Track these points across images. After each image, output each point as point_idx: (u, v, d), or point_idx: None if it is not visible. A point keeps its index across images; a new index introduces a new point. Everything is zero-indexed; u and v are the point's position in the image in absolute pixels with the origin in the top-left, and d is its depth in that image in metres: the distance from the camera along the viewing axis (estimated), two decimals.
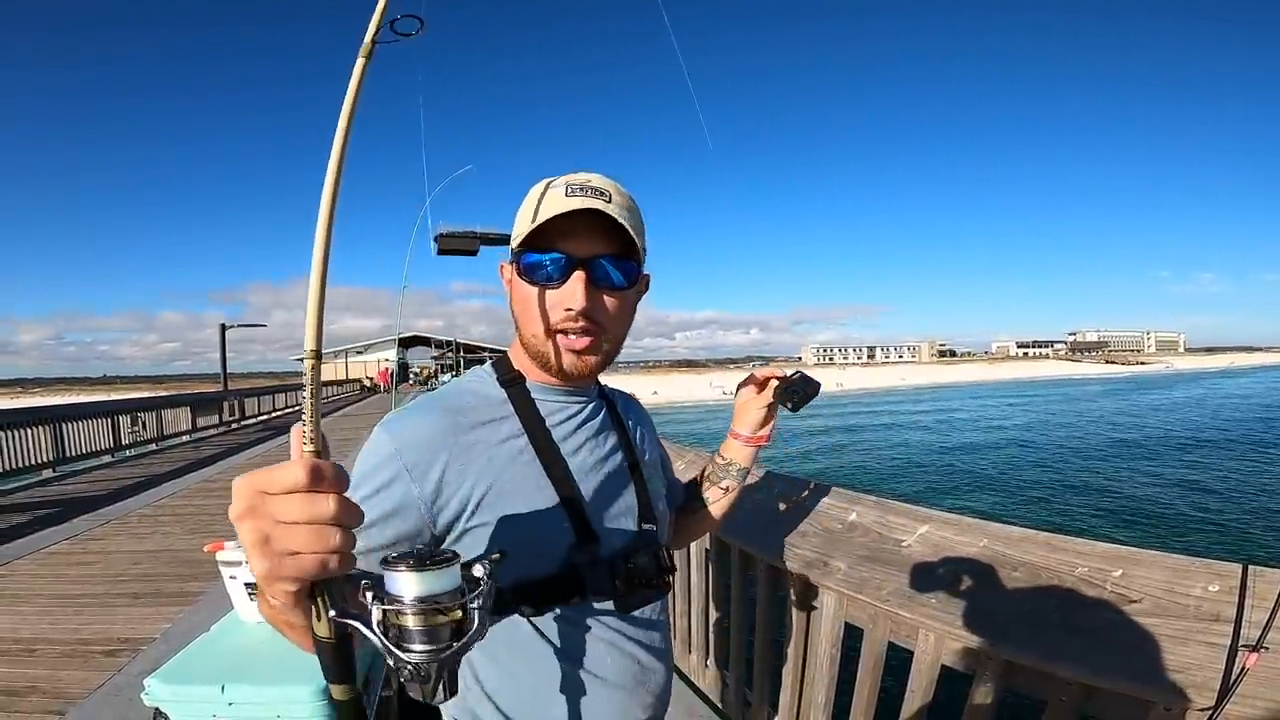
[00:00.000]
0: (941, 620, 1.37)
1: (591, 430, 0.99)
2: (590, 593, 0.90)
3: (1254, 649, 0.99)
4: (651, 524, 1.00)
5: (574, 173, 0.91)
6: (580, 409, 0.99)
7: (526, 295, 0.90)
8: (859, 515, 1.72)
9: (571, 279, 0.87)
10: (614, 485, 0.98)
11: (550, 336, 0.90)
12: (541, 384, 0.96)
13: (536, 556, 0.87)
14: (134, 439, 12.40)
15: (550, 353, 0.91)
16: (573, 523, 0.89)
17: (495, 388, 0.95)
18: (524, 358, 0.96)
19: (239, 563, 2.02)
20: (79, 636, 3.64)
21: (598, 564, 0.90)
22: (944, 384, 69.72)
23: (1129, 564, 1.22)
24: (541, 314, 0.89)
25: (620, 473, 1.00)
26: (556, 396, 0.97)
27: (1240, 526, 11.78)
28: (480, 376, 0.98)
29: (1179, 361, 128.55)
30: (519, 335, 0.94)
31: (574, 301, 0.86)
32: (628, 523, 0.97)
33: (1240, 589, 1.08)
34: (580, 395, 1.00)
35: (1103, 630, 1.16)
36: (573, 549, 0.89)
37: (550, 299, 0.88)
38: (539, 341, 0.91)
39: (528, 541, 0.86)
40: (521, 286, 0.90)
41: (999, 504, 14.27)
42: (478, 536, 0.86)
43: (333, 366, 51.52)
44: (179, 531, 6.00)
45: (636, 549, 0.95)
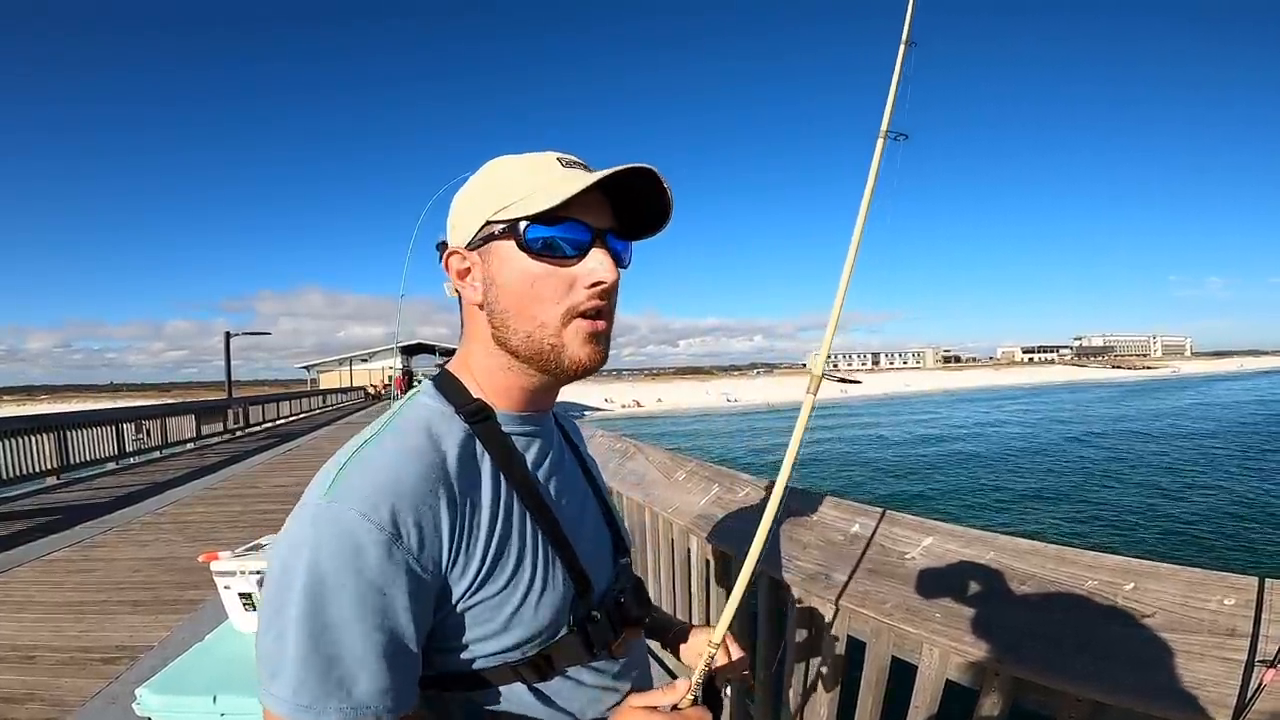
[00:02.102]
0: (946, 634, 1.34)
1: (560, 464, 0.87)
2: (597, 647, 0.81)
3: (1271, 665, 0.96)
4: (626, 556, 0.93)
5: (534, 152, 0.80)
6: (546, 440, 0.86)
7: (530, 275, 0.74)
8: (862, 527, 1.69)
9: (594, 252, 0.75)
10: (591, 523, 0.89)
11: (567, 323, 0.75)
12: (507, 413, 0.81)
13: (541, 624, 0.76)
14: (138, 446, 12.44)
15: (562, 344, 0.75)
16: (571, 575, 0.79)
17: (457, 423, 0.77)
18: (490, 378, 0.80)
19: (233, 572, 2.00)
20: (78, 644, 3.65)
21: (597, 615, 0.82)
22: (949, 390, 69.55)
23: (1141, 577, 1.19)
24: (556, 295, 0.74)
25: (592, 507, 0.91)
26: (524, 427, 0.82)
27: (1257, 537, 11.58)
28: (429, 407, 0.78)
29: (1186, 366, 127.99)
30: (503, 333, 0.77)
31: (606, 274, 0.74)
32: (607, 560, 0.89)
33: (1257, 603, 1.05)
34: (542, 423, 0.86)
35: (1114, 645, 1.13)
36: (574, 604, 0.79)
37: (569, 275, 0.74)
38: (546, 332, 0.75)
39: (534, 609, 0.75)
40: (519, 267, 0.74)
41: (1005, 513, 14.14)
42: (482, 611, 0.73)
43: (336, 375, 51.63)
44: (181, 539, 6.01)
45: (622, 588, 0.88)
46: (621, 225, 0.79)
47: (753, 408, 53.75)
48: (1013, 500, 15.59)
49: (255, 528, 6.23)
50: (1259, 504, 14.09)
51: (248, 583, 1.98)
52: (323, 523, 0.65)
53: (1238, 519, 12.90)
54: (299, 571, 0.63)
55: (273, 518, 6.81)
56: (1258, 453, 20.72)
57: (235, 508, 7.48)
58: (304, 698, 0.62)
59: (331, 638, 0.63)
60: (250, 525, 6.44)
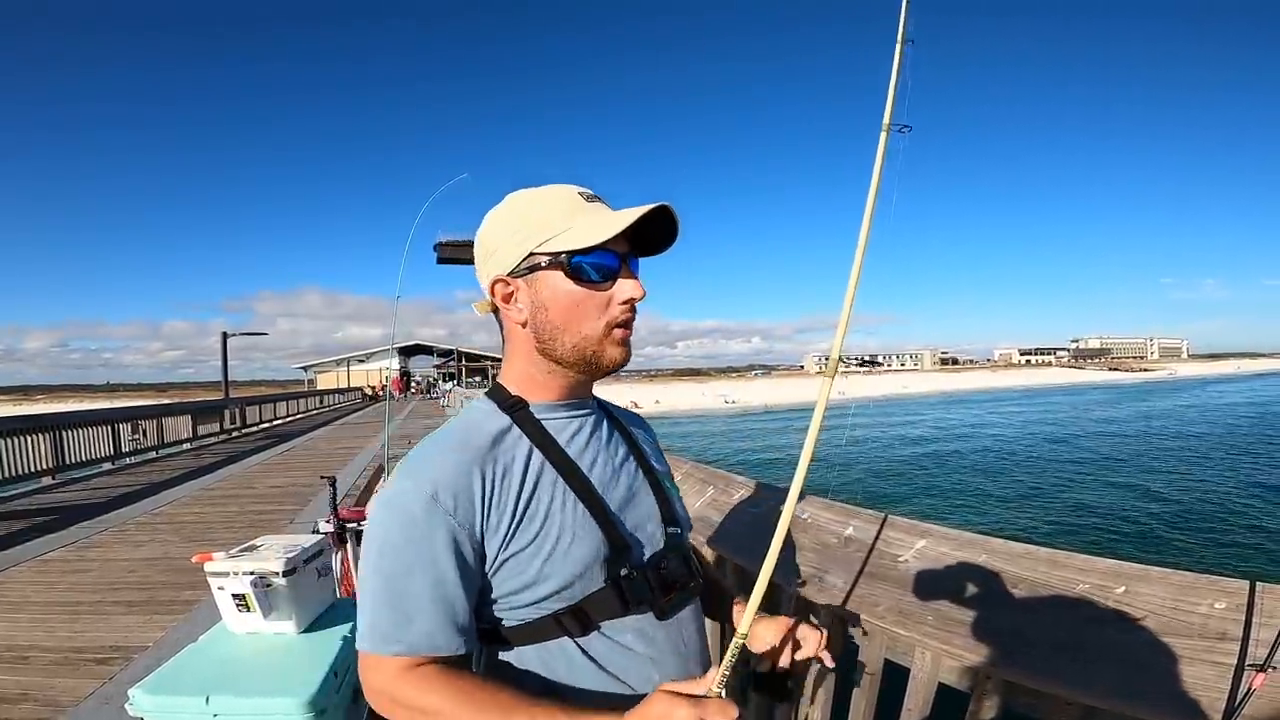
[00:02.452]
0: (938, 638, 1.34)
1: (601, 441, 1.00)
2: (632, 604, 0.90)
3: (1261, 669, 0.96)
4: (675, 526, 1.00)
5: (549, 185, 0.95)
6: (584, 421, 0.99)
7: (577, 297, 0.90)
8: (856, 530, 1.70)
9: (623, 274, 0.91)
10: (634, 492, 0.99)
11: (608, 332, 0.92)
12: (544, 403, 0.96)
13: (576, 575, 0.87)
14: (134, 447, 12.42)
15: (604, 349, 0.92)
16: (605, 535, 0.90)
17: (498, 415, 0.94)
18: (526, 379, 0.97)
19: (227, 573, 2.00)
20: (72, 644, 3.64)
21: (634, 573, 0.91)
22: (946, 391, 69.60)
23: (1132, 580, 1.19)
24: (598, 312, 0.91)
25: (636, 479, 1.01)
26: (561, 413, 0.97)
27: (1247, 540, 11.55)
28: (479, 408, 0.97)
29: (1183, 368, 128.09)
30: (550, 345, 0.92)
31: (637, 291, 0.91)
32: (653, 528, 0.98)
33: (1248, 607, 1.06)
34: (583, 408, 1.00)
35: (1105, 649, 1.13)
36: (609, 562, 0.89)
37: (605, 296, 0.91)
38: (590, 342, 0.91)
39: (564, 559, 0.87)
40: (565, 290, 0.90)
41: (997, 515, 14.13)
42: (517, 564, 0.87)
43: (334, 375, 51.56)
44: (176, 540, 5.98)
45: (666, 553, 0.96)
46: (634, 244, 0.94)
47: (751, 409, 53.74)
48: (1005, 502, 15.56)
49: (251, 528, 6.22)
50: (1250, 507, 14.08)
51: (241, 583, 1.98)
52: (388, 501, 0.86)
53: (1229, 521, 12.88)
54: (373, 539, 0.85)
55: (269, 518, 6.80)
56: (1250, 456, 20.73)
57: (231, 508, 7.46)
58: (376, 635, 0.83)
59: (395, 587, 0.83)
60: (246, 526, 6.42)
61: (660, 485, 1.03)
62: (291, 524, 6.45)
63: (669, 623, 0.95)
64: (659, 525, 0.98)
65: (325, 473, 3.27)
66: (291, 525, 6.38)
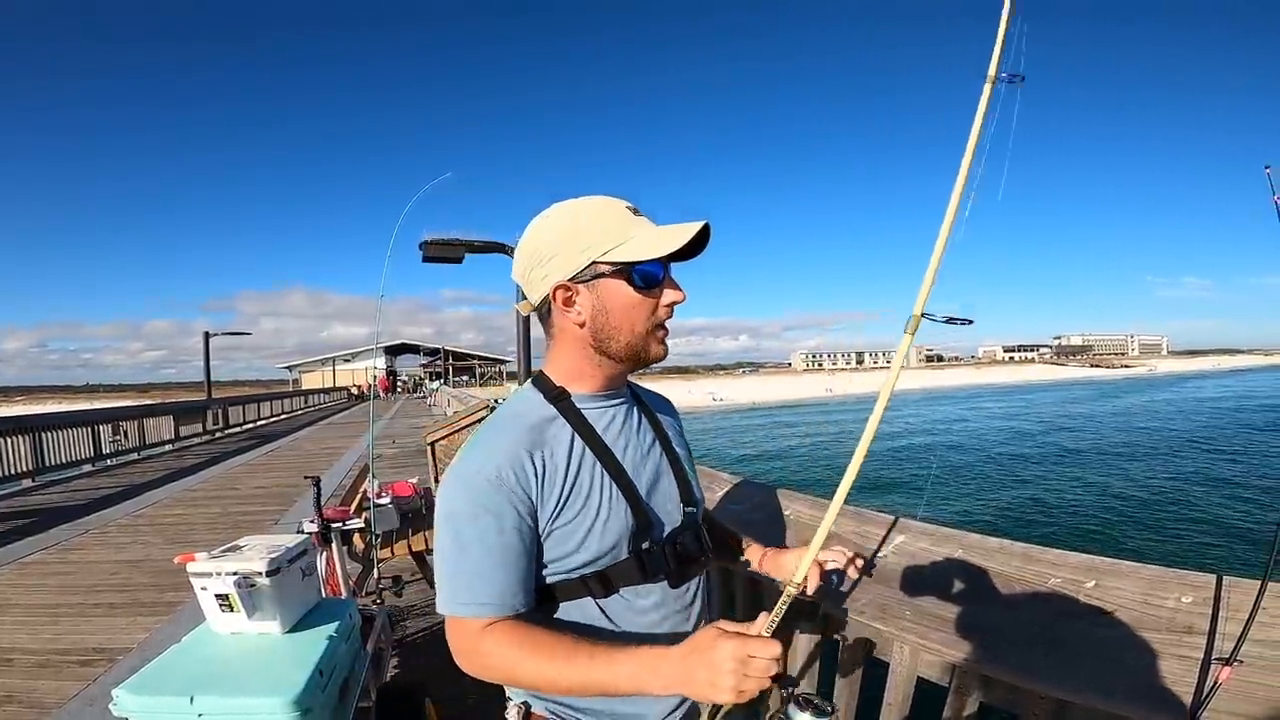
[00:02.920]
0: (916, 633, 1.35)
1: (631, 428, 1.12)
2: (650, 574, 1.04)
3: (1227, 663, 0.98)
4: (692, 507, 1.13)
5: (585, 196, 1.05)
6: (619, 409, 1.12)
7: (632, 301, 1.02)
8: (835, 525, 1.71)
9: (669, 279, 1.04)
10: (659, 476, 1.12)
11: (653, 331, 1.04)
12: (587, 393, 1.08)
13: (608, 547, 1.01)
14: (115, 448, 12.27)
15: (650, 345, 1.05)
16: (633, 514, 1.03)
17: (545, 405, 1.06)
18: (573, 370, 1.08)
19: (210, 574, 1.99)
20: (55, 647, 3.64)
21: (655, 548, 1.04)
22: (932, 388, 70.00)
23: (1103, 575, 1.22)
24: (648, 314, 1.03)
25: (661, 464, 1.13)
26: (599, 403, 1.09)
27: (1215, 535, 11.60)
28: (527, 397, 1.09)
29: (1162, 364, 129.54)
30: (606, 343, 1.04)
31: (680, 296, 1.05)
32: (673, 508, 1.11)
33: (1214, 600, 1.08)
34: (618, 398, 1.13)
35: (1076, 643, 1.15)
36: (634, 536, 1.03)
37: (654, 301, 1.03)
38: (638, 340, 1.04)
39: (600, 534, 1.00)
40: (624, 295, 1.01)
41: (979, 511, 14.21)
42: (561, 535, 0.99)
43: (319, 374, 51.13)
44: (159, 542, 5.94)
45: (683, 530, 1.10)
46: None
47: (738, 406, 53.87)
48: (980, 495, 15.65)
49: (235, 529, 6.17)
50: (1217, 501, 14.14)
51: (224, 584, 1.97)
52: (455, 478, 0.98)
53: (1197, 515, 12.94)
54: (447, 514, 0.98)
55: (252, 518, 6.76)
56: (1219, 450, 20.87)
57: (214, 509, 7.40)
58: (458, 599, 0.96)
59: (470, 554, 0.95)
60: (230, 527, 6.38)
61: (681, 468, 1.16)
62: (276, 525, 6.41)
63: (679, 591, 1.09)
64: (678, 505, 1.12)
65: (310, 473, 3.27)
66: (276, 526, 6.34)
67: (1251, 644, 0.99)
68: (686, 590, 1.10)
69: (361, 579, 3.94)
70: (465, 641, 0.97)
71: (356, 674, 2.27)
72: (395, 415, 21.91)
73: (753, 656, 0.84)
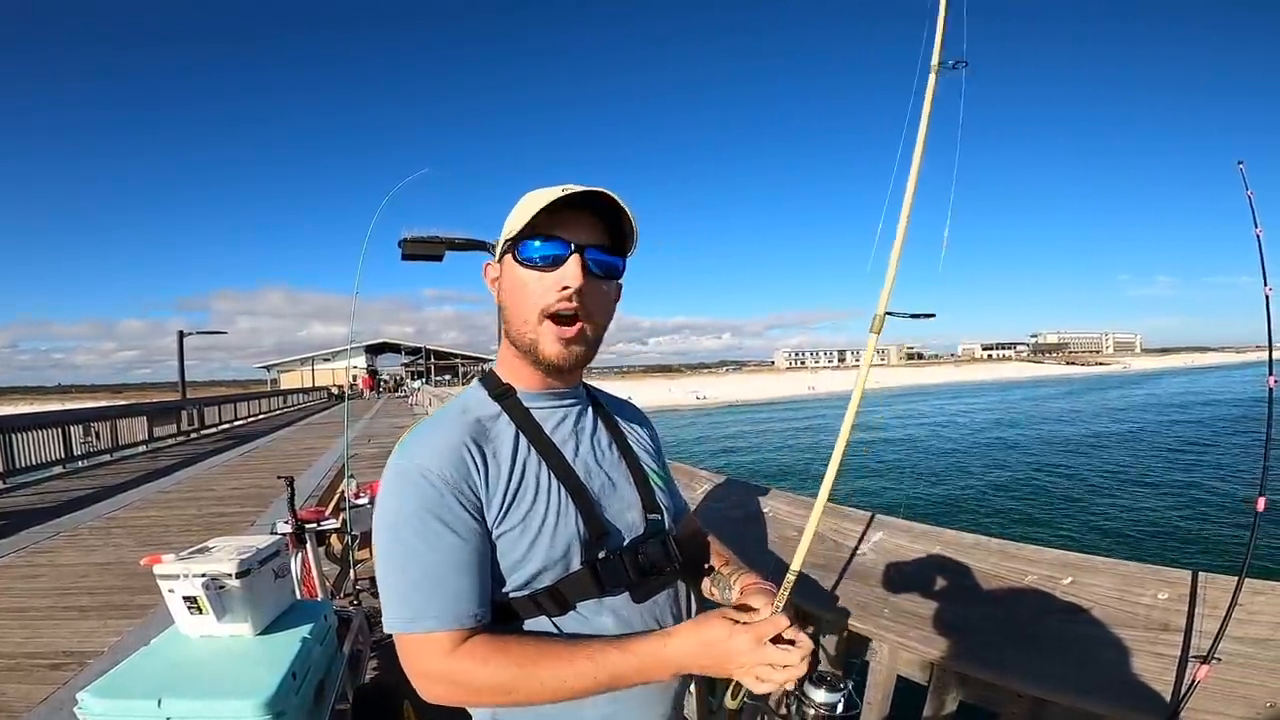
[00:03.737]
0: (895, 631, 1.35)
1: (586, 430, 1.04)
2: (607, 585, 0.94)
3: (1204, 660, 0.97)
4: (657, 514, 1.04)
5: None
6: (570, 410, 1.03)
7: (521, 281, 0.94)
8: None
9: (569, 261, 0.92)
10: (616, 480, 1.02)
11: (541, 321, 0.93)
12: (531, 391, 1.00)
13: (556, 554, 0.91)
14: (87, 450, 12.05)
15: (539, 339, 0.94)
16: (584, 520, 0.93)
17: (488, 402, 0.99)
18: (511, 367, 1.01)
19: (178, 576, 1.95)
20: (24, 650, 3.57)
21: (611, 557, 0.94)
22: (912, 385, 70.64)
23: (1079, 571, 1.21)
24: (536, 296, 0.93)
25: (619, 467, 1.05)
26: (547, 401, 1.01)
27: (1191, 530, 11.69)
28: (471, 394, 1.01)
29: (1136, 362, 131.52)
30: (508, 329, 0.98)
31: (572, 279, 0.91)
32: (634, 515, 1.01)
33: (1190, 597, 1.07)
34: (569, 397, 1.04)
35: (1053, 641, 1.15)
36: (586, 545, 0.93)
37: (546, 281, 0.92)
38: (529, 328, 0.94)
39: (548, 540, 0.91)
40: (515, 275, 0.95)
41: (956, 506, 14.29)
42: (508, 541, 0.90)
43: (298, 374, 50.60)
44: (131, 544, 5.83)
45: (645, 539, 0.99)
46: (613, 242, 0.97)
47: (720, 404, 54.02)
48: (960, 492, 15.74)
49: (210, 531, 6.07)
50: (1194, 497, 14.19)
51: (192, 586, 1.93)
52: (394, 477, 0.89)
53: (1173, 512, 13.01)
54: (383, 520, 0.89)
55: (229, 520, 6.65)
56: (1195, 447, 21.09)
57: (189, 511, 7.27)
58: (407, 614, 0.85)
59: (415, 561, 0.85)
60: (204, 529, 6.27)
61: (643, 473, 1.07)
62: (253, 526, 6.32)
63: (645, 605, 0.98)
64: (640, 512, 1.02)
65: (288, 474, 3.23)
66: (253, 527, 6.25)
67: (1229, 641, 0.99)
68: (654, 604, 0.99)
69: (339, 580, 3.89)
70: (433, 663, 0.85)
71: (333, 676, 2.24)
72: (376, 414, 21.72)
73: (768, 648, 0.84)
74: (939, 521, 1.59)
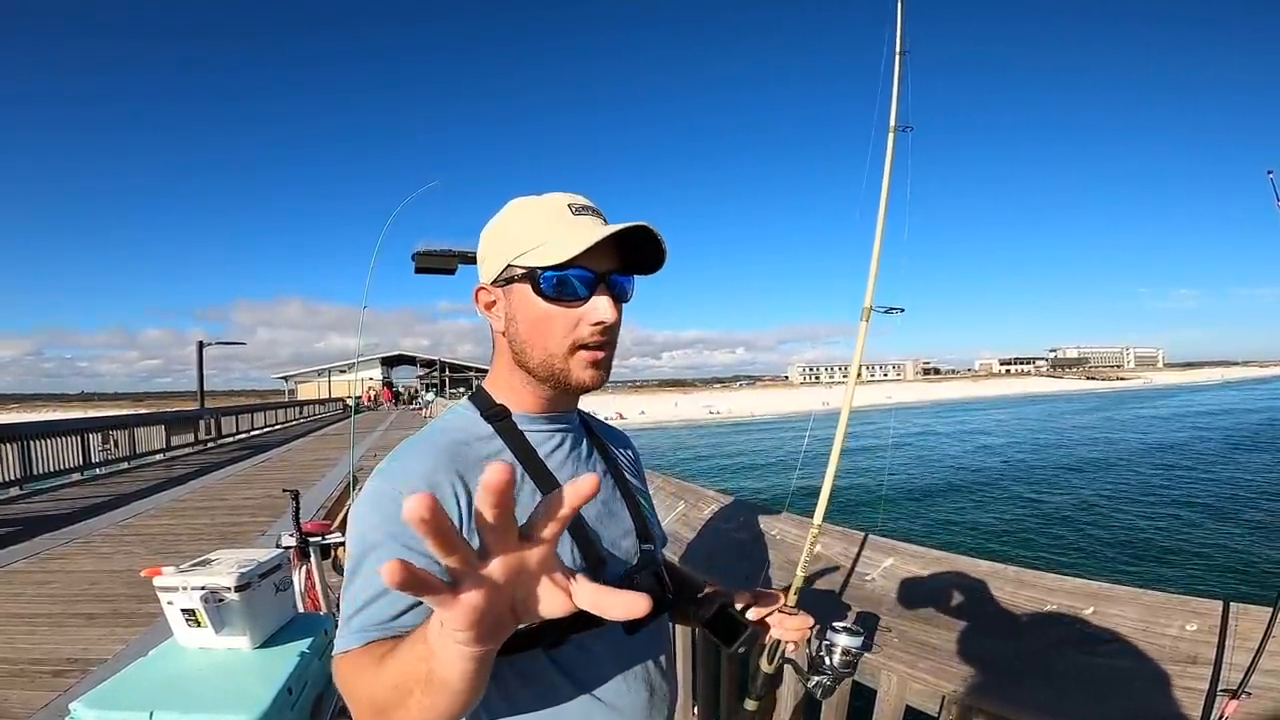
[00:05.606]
0: (904, 661, 1.30)
1: (580, 456, 0.99)
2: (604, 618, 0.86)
3: (1234, 695, 0.92)
4: (649, 543, 1.00)
5: (553, 192, 0.92)
6: (565, 436, 0.98)
7: (543, 314, 0.88)
8: (824, 547, 1.66)
9: (597, 295, 0.87)
10: (611, 508, 0.98)
11: (573, 353, 0.89)
12: (526, 414, 0.95)
13: None
14: (105, 457, 12.18)
15: (569, 369, 0.90)
16: (580, 549, 0.89)
17: (480, 423, 0.93)
18: (509, 387, 0.95)
19: (176, 588, 1.94)
20: (30, 656, 3.58)
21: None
22: (929, 401, 70.15)
23: (1101, 601, 1.16)
24: (564, 331, 0.88)
25: (613, 496, 1.01)
26: (542, 426, 0.96)
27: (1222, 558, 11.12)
28: (461, 414, 0.96)
29: (1158, 376, 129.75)
30: (522, 359, 0.91)
31: (607, 315, 0.87)
32: (628, 544, 0.98)
33: (1220, 629, 1.03)
34: (563, 422, 0.99)
35: (1072, 673, 1.10)
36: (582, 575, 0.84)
37: (574, 315, 0.88)
38: (555, 360, 0.89)
39: None
40: (534, 307, 0.88)
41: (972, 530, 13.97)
42: None
43: (315, 385, 51.06)
44: (143, 552, 5.85)
45: (639, 569, 0.96)
46: (625, 262, 0.91)
47: (733, 420, 53.85)
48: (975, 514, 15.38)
49: (221, 540, 6.10)
50: (1225, 523, 13.56)
51: (190, 598, 1.92)
52: (367, 502, 0.83)
53: (1203, 538, 12.44)
54: (351, 546, 0.83)
55: (240, 530, 6.67)
56: (1226, 469, 20.39)
57: (201, 521, 7.30)
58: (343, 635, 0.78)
59: (367, 583, 0.78)
60: (216, 538, 6.28)
61: (636, 502, 1.03)
62: (263, 536, 6.32)
63: (637, 636, 0.94)
64: (634, 541, 0.98)
65: (300, 485, 3.21)
66: (263, 538, 6.25)
67: (1261, 675, 0.94)
68: (647, 635, 0.97)
69: None
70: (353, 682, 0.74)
71: (331, 691, 2.21)
72: (390, 426, 21.82)
73: None
74: (958, 548, 1.54)
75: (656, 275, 0.95)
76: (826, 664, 1.01)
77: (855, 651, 1.00)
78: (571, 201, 0.90)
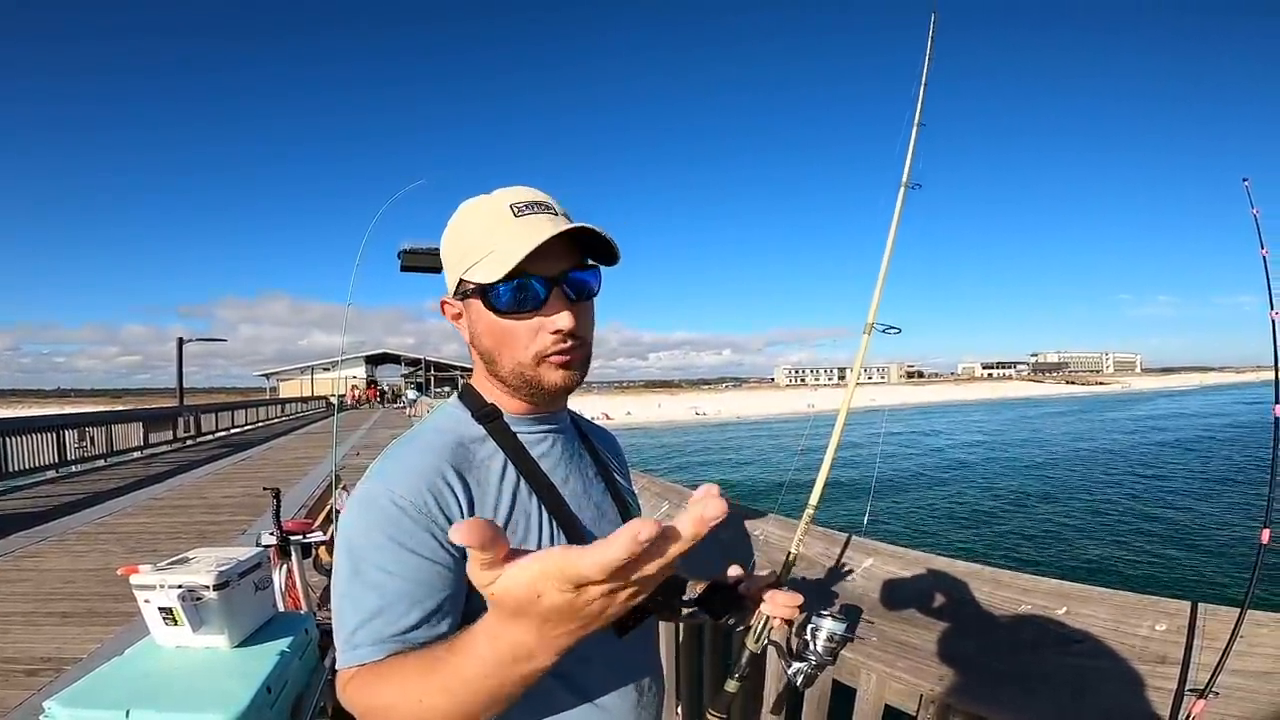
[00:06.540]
0: (883, 660, 1.31)
1: (570, 457, 0.98)
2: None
3: (1201, 694, 0.94)
4: None
5: (502, 188, 0.88)
6: (556, 437, 0.97)
7: (502, 329, 0.86)
8: (805, 547, 1.66)
9: (552, 301, 0.85)
10: (601, 509, 0.98)
11: (539, 362, 0.87)
12: (517, 415, 0.93)
13: None
14: (81, 455, 12.00)
15: (539, 375, 0.87)
16: None
17: (471, 424, 0.91)
18: (494, 387, 0.93)
19: (153, 586, 1.91)
20: (2, 655, 3.54)
21: None
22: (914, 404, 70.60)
23: (1075, 601, 1.18)
24: (526, 341, 0.86)
25: (603, 497, 1.00)
26: (534, 426, 0.94)
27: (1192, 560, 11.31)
28: (452, 413, 0.93)
29: (1137, 381, 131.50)
30: (492, 367, 0.90)
31: (564, 323, 0.84)
32: None
33: (1189, 629, 1.04)
34: (554, 422, 0.98)
35: (1046, 673, 1.11)
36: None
37: (533, 325, 0.85)
38: (524, 369, 0.87)
39: None
40: (491, 321, 0.86)
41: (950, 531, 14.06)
42: None
43: (298, 383, 50.60)
44: (119, 551, 5.79)
45: None
46: (584, 255, 0.88)
47: (719, 421, 53.97)
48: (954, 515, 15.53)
49: (199, 539, 6.03)
50: (1196, 525, 13.74)
51: (168, 597, 1.89)
52: (361, 504, 0.80)
53: (1174, 540, 12.60)
54: (343, 549, 0.79)
55: (218, 528, 6.60)
56: (1196, 472, 20.70)
57: (179, 518, 7.22)
58: (349, 646, 0.75)
59: (371, 590, 0.75)
60: (194, 536, 6.22)
61: (626, 503, 1.03)
62: (244, 535, 6.27)
63: (628, 637, 0.91)
64: None
65: (281, 483, 3.18)
66: (243, 537, 6.19)
67: (1228, 674, 0.95)
68: (637, 638, 0.90)
69: (326, 593, 3.84)
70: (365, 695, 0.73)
71: (311, 690, 2.19)
72: (374, 425, 21.68)
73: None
74: (937, 549, 1.55)
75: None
76: (810, 648, 1.01)
77: (840, 637, 1.01)
78: (515, 200, 0.86)
